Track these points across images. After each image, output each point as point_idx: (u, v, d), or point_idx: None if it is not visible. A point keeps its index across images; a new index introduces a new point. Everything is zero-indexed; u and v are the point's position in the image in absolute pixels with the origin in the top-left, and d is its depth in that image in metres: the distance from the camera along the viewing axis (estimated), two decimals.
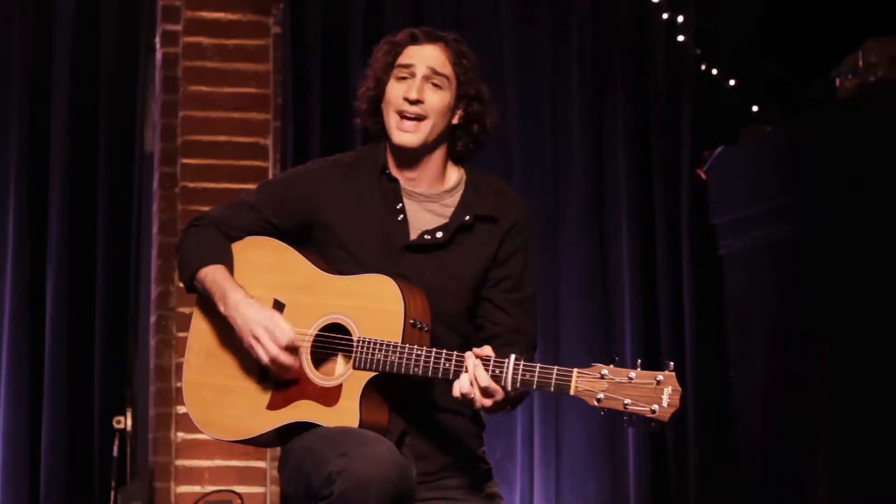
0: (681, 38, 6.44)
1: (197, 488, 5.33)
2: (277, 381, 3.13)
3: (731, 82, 6.36)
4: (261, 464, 5.36)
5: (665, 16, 6.47)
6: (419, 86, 3.15)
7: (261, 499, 5.36)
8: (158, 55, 5.69)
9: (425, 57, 3.18)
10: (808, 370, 5.50)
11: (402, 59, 3.18)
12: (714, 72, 6.41)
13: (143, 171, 6.01)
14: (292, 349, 3.08)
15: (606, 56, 6.63)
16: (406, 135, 3.16)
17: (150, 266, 5.76)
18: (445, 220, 3.18)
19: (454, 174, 3.24)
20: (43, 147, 6.03)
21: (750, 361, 5.83)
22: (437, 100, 3.16)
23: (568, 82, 6.59)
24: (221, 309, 3.13)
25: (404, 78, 3.17)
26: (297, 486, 3.06)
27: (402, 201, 3.18)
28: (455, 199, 3.21)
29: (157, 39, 5.71)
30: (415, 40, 3.20)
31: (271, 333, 3.07)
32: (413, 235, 3.16)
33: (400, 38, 3.22)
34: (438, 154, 3.21)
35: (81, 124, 6.07)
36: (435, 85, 3.16)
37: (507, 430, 6.26)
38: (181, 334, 5.39)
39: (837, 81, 5.57)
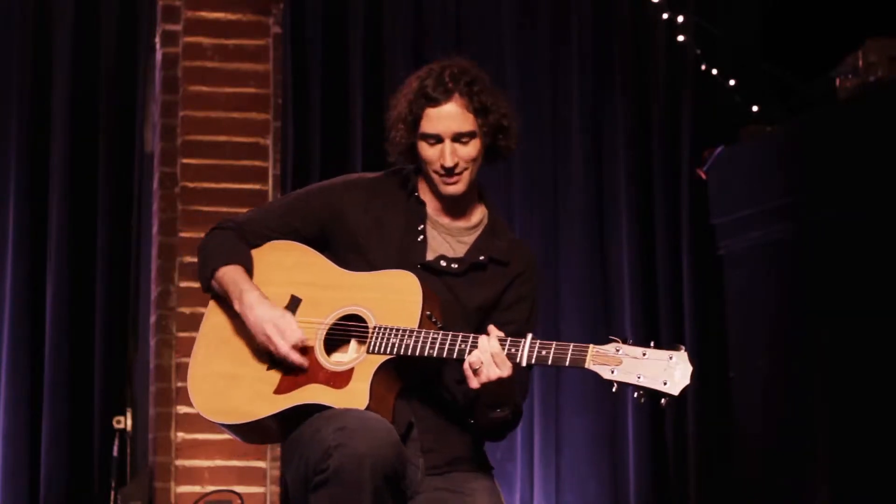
0: (681, 38, 6.44)
1: (197, 488, 5.33)
2: (287, 367, 3.17)
3: (731, 82, 6.36)
4: (261, 464, 5.36)
5: (665, 16, 6.47)
6: (451, 150, 3.21)
7: (261, 499, 5.36)
8: (158, 55, 5.68)
9: (447, 121, 3.21)
10: (808, 370, 5.50)
11: (426, 128, 3.22)
12: (714, 72, 6.40)
13: (143, 171, 6.02)
14: (302, 349, 3.14)
15: (606, 56, 6.63)
16: (451, 187, 3.24)
17: (150, 266, 5.76)
18: (461, 255, 3.26)
19: (478, 212, 3.32)
20: (43, 147, 6.04)
21: (750, 361, 5.83)
22: (470, 153, 3.23)
23: (568, 82, 6.59)
24: (237, 307, 3.21)
25: (433, 144, 3.22)
26: (298, 470, 3.07)
27: (424, 223, 3.26)
28: (473, 237, 3.29)
29: (157, 39, 5.71)
30: (430, 103, 3.22)
31: (281, 331, 3.14)
32: (430, 256, 3.24)
33: (416, 99, 3.23)
34: (473, 187, 3.29)
35: (81, 124, 6.07)
36: (464, 142, 3.22)
37: None
38: (181, 334, 5.39)
39: (837, 81, 5.57)
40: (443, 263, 3.23)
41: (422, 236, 3.25)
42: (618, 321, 6.48)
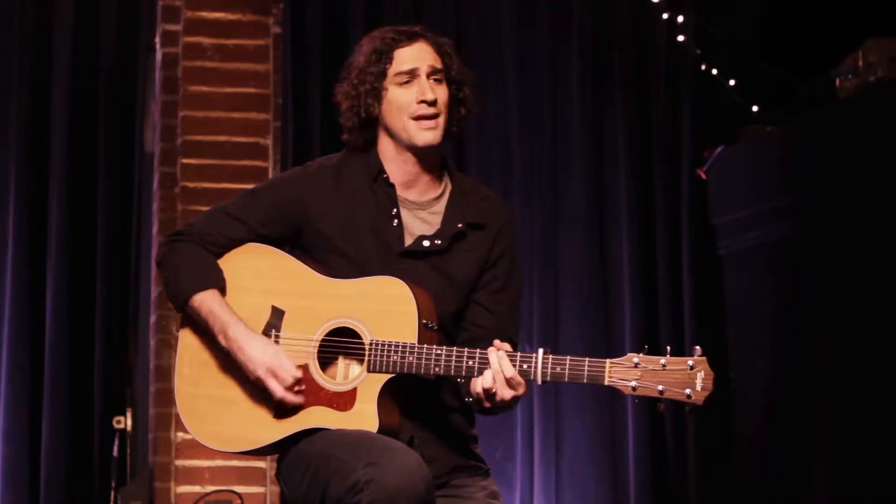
0: (681, 38, 6.44)
1: (197, 488, 5.33)
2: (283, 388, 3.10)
3: (731, 82, 6.36)
4: (261, 464, 5.36)
5: (665, 16, 6.47)
6: (429, 85, 3.15)
7: (261, 499, 5.36)
8: (158, 55, 5.69)
9: (421, 56, 3.18)
10: (808, 370, 5.50)
11: (400, 65, 3.17)
12: (714, 72, 6.40)
13: (143, 171, 6.02)
14: (299, 388, 3.06)
15: (606, 56, 6.63)
16: (430, 132, 3.15)
17: (150, 266, 5.77)
18: (436, 228, 3.18)
19: (444, 180, 3.25)
20: (43, 147, 6.04)
21: (750, 361, 5.83)
22: (444, 94, 3.18)
23: (568, 82, 6.59)
24: (222, 342, 3.10)
25: (408, 82, 3.16)
26: (311, 492, 3.02)
27: (397, 206, 3.17)
28: (441, 205, 3.21)
29: (157, 39, 5.71)
30: (399, 43, 3.19)
31: (275, 374, 3.06)
32: (408, 241, 3.16)
33: (382, 46, 3.20)
34: (437, 151, 3.22)
35: (81, 124, 6.08)
36: (437, 81, 3.18)
37: (507, 430, 6.25)
38: None
39: (837, 81, 5.57)
40: (425, 244, 3.15)
41: (397, 220, 3.15)
42: (618, 321, 6.48)
